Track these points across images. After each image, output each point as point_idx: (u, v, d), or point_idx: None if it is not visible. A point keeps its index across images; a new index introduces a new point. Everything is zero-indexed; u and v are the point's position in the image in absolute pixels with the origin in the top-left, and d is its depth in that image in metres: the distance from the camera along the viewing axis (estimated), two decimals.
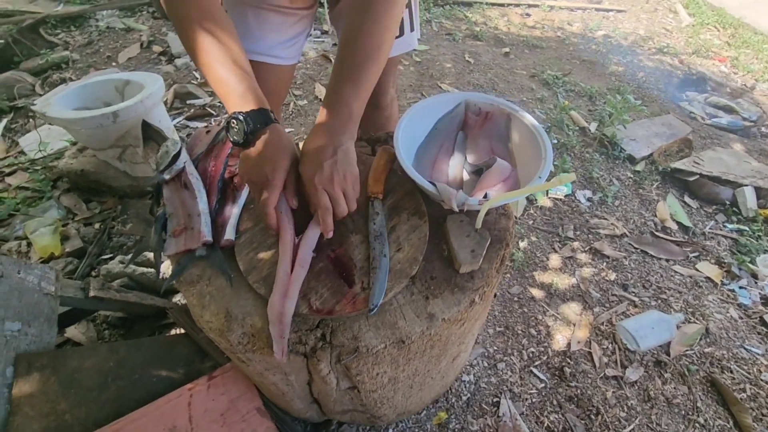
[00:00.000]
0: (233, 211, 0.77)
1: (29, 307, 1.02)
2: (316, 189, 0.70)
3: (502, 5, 4.00)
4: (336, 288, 0.69)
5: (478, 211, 0.73)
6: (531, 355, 1.39)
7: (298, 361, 0.69)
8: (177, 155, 0.80)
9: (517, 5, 4.03)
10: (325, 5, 1.05)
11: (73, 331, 1.33)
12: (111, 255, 1.57)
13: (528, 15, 3.92)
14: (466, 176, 0.87)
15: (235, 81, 0.72)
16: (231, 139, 0.73)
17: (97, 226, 1.69)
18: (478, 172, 0.85)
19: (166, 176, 0.79)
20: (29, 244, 1.58)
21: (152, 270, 1.41)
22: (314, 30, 3.13)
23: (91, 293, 1.18)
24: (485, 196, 0.75)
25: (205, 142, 0.86)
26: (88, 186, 1.79)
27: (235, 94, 0.72)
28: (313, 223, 0.74)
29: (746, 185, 1.97)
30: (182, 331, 1.21)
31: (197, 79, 2.60)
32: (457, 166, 0.87)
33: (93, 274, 1.51)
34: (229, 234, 0.74)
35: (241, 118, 0.70)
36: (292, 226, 0.74)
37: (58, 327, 1.13)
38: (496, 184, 0.78)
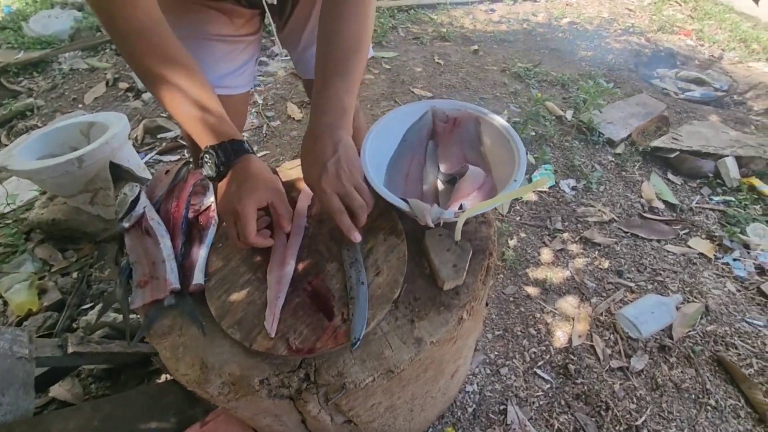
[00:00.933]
0: (200, 253, 0.73)
1: (2, 375, 0.96)
2: (324, 192, 0.67)
3: (466, 4, 4.02)
4: (315, 323, 0.65)
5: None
6: (533, 355, 1.35)
7: (285, 404, 0.65)
8: (135, 200, 0.76)
9: (481, 2, 4.05)
10: (273, 28, 1.02)
11: (58, 390, 1.27)
12: (92, 304, 1.51)
13: (492, 11, 3.94)
14: (441, 186, 0.84)
15: (203, 118, 0.70)
16: (205, 174, 0.71)
17: (75, 275, 1.63)
18: (452, 181, 0.82)
19: (125, 224, 0.74)
20: (5, 303, 1.52)
21: (135, 316, 1.35)
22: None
23: (70, 349, 1.12)
24: (461, 207, 0.72)
25: (166, 182, 0.82)
26: (61, 235, 1.73)
27: (205, 130, 0.70)
28: (301, 195, 0.81)
29: (727, 155, 1.97)
30: (171, 376, 1.16)
31: (166, 112, 2.56)
32: (430, 177, 0.84)
33: (74, 326, 1.45)
34: (198, 278, 0.70)
35: (212, 152, 0.68)
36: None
37: (40, 388, 1.07)
38: (471, 193, 0.75)
